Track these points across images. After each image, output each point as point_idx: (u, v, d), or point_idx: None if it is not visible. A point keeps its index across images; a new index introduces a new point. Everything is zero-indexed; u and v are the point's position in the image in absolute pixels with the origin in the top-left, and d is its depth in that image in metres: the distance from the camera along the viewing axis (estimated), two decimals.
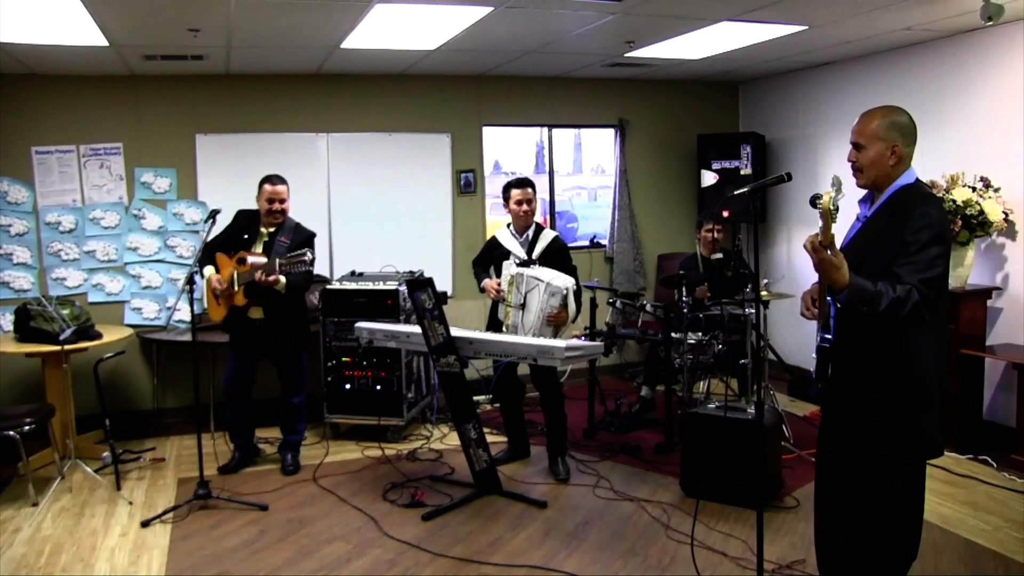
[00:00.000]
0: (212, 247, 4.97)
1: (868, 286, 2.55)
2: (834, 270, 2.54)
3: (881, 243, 2.71)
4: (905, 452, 2.73)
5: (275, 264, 4.62)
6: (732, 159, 7.25)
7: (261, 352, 5.11)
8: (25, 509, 4.58)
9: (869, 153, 2.74)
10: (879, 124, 2.74)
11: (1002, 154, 5.28)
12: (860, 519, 2.85)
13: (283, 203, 4.96)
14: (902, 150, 2.73)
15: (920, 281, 2.55)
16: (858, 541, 2.88)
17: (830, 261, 2.53)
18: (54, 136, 6.05)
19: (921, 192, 2.74)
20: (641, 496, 4.64)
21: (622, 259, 7.52)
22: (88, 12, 4.32)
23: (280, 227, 5.00)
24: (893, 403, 2.71)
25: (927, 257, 2.58)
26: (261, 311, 4.93)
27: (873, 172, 2.75)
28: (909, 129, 2.76)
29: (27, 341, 5.20)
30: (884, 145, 2.72)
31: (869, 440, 2.76)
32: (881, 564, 2.84)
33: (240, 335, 5.06)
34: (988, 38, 5.35)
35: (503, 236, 5.05)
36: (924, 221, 2.59)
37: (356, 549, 4.03)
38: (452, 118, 7.05)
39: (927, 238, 2.58)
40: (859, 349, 2.77)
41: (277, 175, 5.02)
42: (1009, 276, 5.36)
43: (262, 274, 4.64)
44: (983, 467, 4.94)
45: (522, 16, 4.84)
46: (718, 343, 5.46)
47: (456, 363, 4.49)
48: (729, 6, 4.71)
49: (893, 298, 2.53)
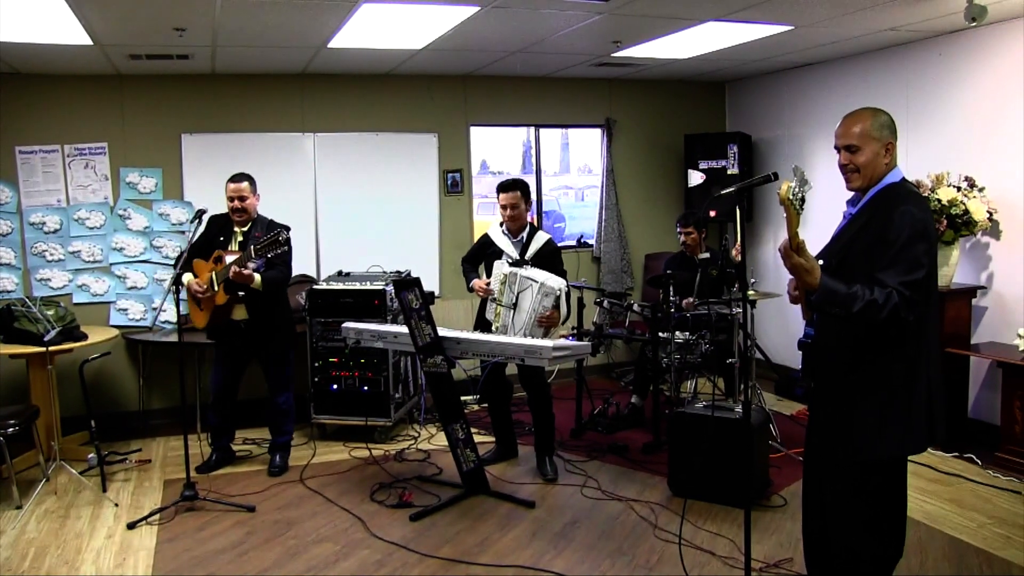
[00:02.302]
0: (191, 254, 4.96)
1: (840, 288, 2.56)
2: (805, 273, 2.57)
3: (862, 240, 2.72)
4: (885, 447, 2.73)
5: (250, 252, 4.59)
6: (719, 159, 7.27)
7: (247, 357, 5.10)
8: (9, 512, 4.54)
9: (865, 154, 2.75)
10: (871, 124, 2.75)
11: (987, 154, 5.32)
12: (840, 515, 2.87)
13: (244, 200, 4.93)
14: (895, 147, 2.75)
15: (901, 283, 2.55)
16: (838, 536, 2.89)
17: (801, 265, 2.56)
18: (38, 136, 6.00)
19: (905, 190, 2.76)
20: (629, 496, 4.64)
21: (609, 259, 7.52)
22: (72, 11, 4.29)
23: (253, 224, 4.99)
24: (873, 398, 2.72)
25: (910, 256, 2.58)
26: (244, 311, 4.91)
27: (870, 172, 2.76)
28: (894, 126, 2.78)
29: (11, 342, 5.15)
30: (879, 144, 2.74)
31: (850, 434, 2.77)
32: (862, 561, 2.85)
33: (225, 339, 5.04)
34: (973, 39, 5.39)
35: (496, 235, 5.04)
36: (905, 219, 2.60)
37: (343, 550, 4.02)
38: (439, 118, 7.04)
39: (908, 236, 2.59)
40: (839, 345, 2.79)
41: (238, 173, 5.00)
42: (993, 275, 5.40)
43: (235, 268, 4.63)
44: (968, 465, 4.97)
45: (508, 16, 4.83)
46: (705, 342, 5.47)
47: (443, 363, 4.48)
48: (715, 6, 4.72)
49: (869, 300, 2.54)
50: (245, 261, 4.62)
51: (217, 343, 5.10)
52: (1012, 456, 4.86)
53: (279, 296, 5.07)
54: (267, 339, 5.02)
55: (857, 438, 2.75)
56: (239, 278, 4.65)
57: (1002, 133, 5.21)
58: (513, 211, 4.90)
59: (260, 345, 5.03)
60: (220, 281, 4.76)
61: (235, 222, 4.99)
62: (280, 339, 5.09)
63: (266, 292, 4.86)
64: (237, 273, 4.62)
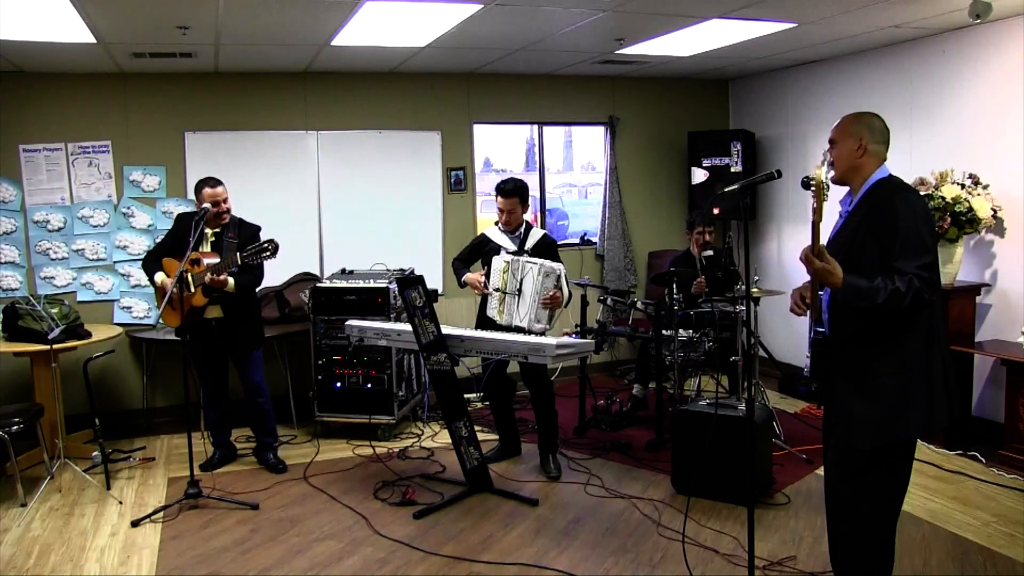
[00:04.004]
0: (158, 253, 4.99)
1: (863, 284, 2.68)
2: (828, 275, 2.69)
3: (862, 235, 2.82)
4: (909, 427, 2.82)
5: (228, 260, 4.63)
6: (722, 156, 7.26)
7: (222, 353, 5.10)
8: (14, 509, 4.55)
9: (841, 148, 2.94)
10: (848, 121, 2.95)
11: (991, 151, 5.30)
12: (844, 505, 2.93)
13: (225, 202, 4.94)
14: (868, 144, 2.90)
15: (918, 268, 2.67)
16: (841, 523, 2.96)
17: (824, 269, 2.68)
18: (42, 134, 6.01)
19: (896, 183, 2.90)
20: (632, 493, 4.64)
21: (613, 256, 7.52)
22: (76, 9, 4.29)
23: (225, 225, 5.00)
24: (894, 379, 2.80)
25: (918, 240, 2.71)
26: (220, 310, 4.93)
27: (842, 165, 2.94)
28: (878, 127, 2.94)
29: (15, 340, 5.17)
30: (853, 140, 2.91)
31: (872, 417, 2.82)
32: (865, 554, 2.90)
33: (198, 339, 5.02)
34: (977, 36, 5.37)
35: (493, 233, 5.06)
36: (906, 207, 2.75)
37: (347, 548, 4.03)
38: (442, 116, 7.03)
39: (912, 221, 2.73)
40: (852, 337, 2.86)
41: (214, 177, 4.96)
42: (998, 273, 5.38)
43: (211, 275, 4.66)
44: (972, 463, 4.97)
45: (512, 13, 4.83)
46: (709, 340, 5.47)
47: (447, 361, 4.49)
48: (718, 3, 4.71)
49: (892, 290, 2.64)
50: (224, 269, 4.67)
51: (191, 343, 5.03)
52: (1016, 454, 4.84)
53: (250, 296, 5.09)
54: (237, 335, 5.02)
55: (876, 421, 2.81)
56: (216, 283, 4.68)
57: (1006, 130, 5.19)
58: (510, 215, 4.95)
59: (231, 341, 5.04)
60: (198, 285, 4.77)
61: (211, 224, 4.95)
62: (249, 332, 5.09)
63: (239, 293, 4.89)
64: (213, 279, 4.66)
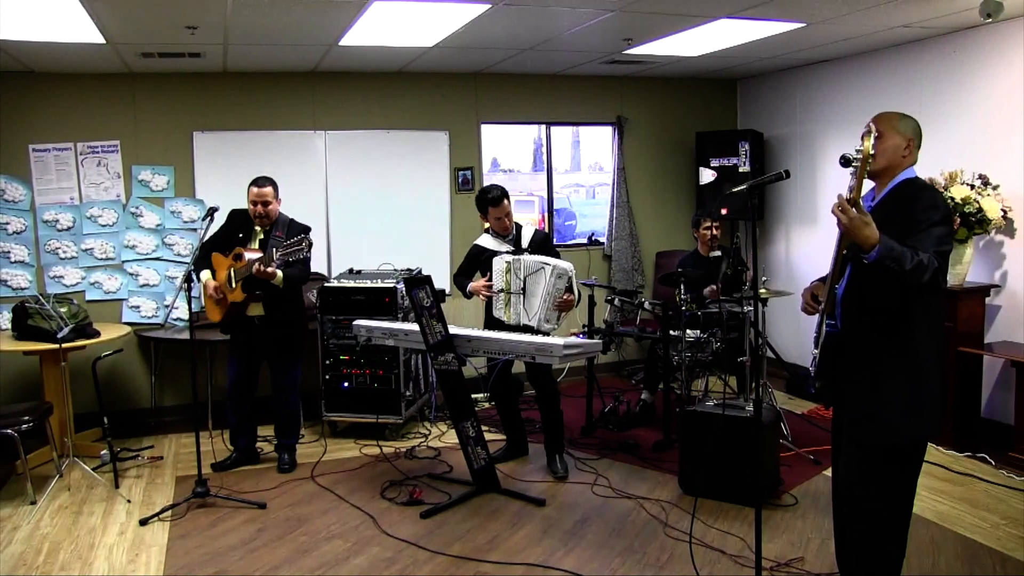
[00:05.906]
0: (208, 247, 4.98)
1: (896, 244, 2.64)
2: (864, 227, 2.61)
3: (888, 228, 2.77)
4: (917, 428, 2.82)
5: (272, 254, 4.63)
6: (730, 156, 7.25)
7: (261, 352, 5.11)
8: (23, 507, 4.57)
9: (888, 141, 2.89)
10: (900, 120, 2.92)
11: (1001, 152, 5.27)
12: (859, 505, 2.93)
13: (267, 205, 4.94)
14: (914, 149, 2.92)
15: (935, 253, 2.68)
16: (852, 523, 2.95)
17: (860, 219, 2.62)
18: (51, 134, 6.03)
19: (922, 183, 2.93)
20: (639, 494, 4.64)
21: (620, 257, 7.51)
22: (85, 9, 4.30)
23: (274, 224, 5.01)
24: (904, 380, 2.81)
25: (939, 233, 2.73)
26: (261, 308, 4.93)
27: (885, 160, 2.88)
28: (919, 132, 2.95)
29: (25, 339, 5.19)
30: (902, 139, 2.89)
31: (881, 416, 2.83)
32: (877, 553, 2.90)
33: (240, 335, 5.05)
34: (987, 35, 5.34)
35: (486, 241, 5.05)
36: (931, 203, 2.78)
37: (354, 547, 4.03)
38: (450, 115, 7.04)
39: (937, 218, 2.75)
40: (864, 333, 2.86)
41: (263, 176, 5.00)
42: (1007, 274, 5.36)
43: (259, 265, 4.64)
44: (981, 464, 4.94)
45: (519, 13, 4.83)
46: (716, 340, 5.46)
47: (454, 361, 4.49)
48: (727, 3, 4.70)
49: (918, 260, 2.62)
50: (268, 262, 4.64)
51: (232, 338, 5.12)
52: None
53: (295, 295, 5.08)
54: (279, 336, 5.03)
55: (889, 420, 2.81)
56: (262, 275, 4.67)
57: (1017, 131, 5.16)
58: (508, 218, 4.93)
59: (271, 342, 5.04)
60: (239, 279, 4.78)
61: (257, 223, 5.00)
62: (291, 337, 5.09)
63: (284, 290, 4.88)
64: (260, 270, 4.64)
